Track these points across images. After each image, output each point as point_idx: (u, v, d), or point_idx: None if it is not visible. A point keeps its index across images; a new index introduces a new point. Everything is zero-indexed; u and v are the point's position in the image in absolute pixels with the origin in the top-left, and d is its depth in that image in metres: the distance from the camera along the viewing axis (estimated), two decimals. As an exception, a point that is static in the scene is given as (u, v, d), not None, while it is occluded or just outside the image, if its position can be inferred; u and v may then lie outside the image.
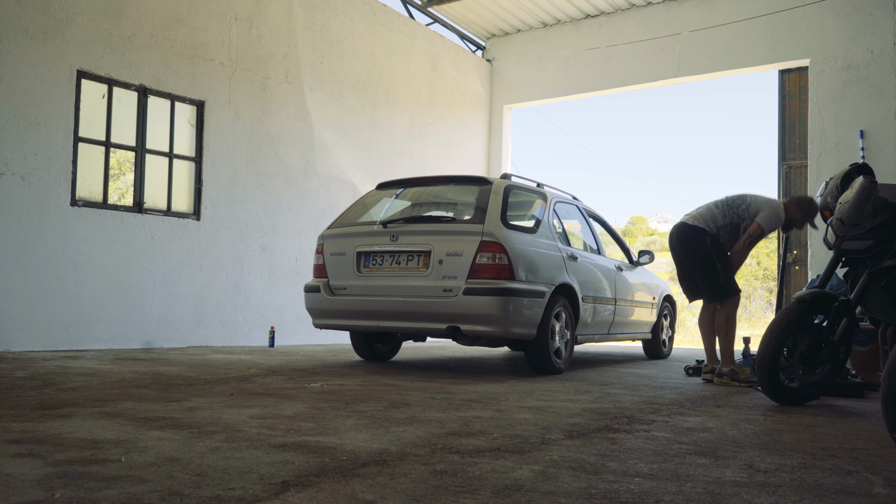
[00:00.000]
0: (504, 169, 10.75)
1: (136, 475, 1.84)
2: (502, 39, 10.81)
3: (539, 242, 5.03)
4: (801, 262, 8.49)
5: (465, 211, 5.16)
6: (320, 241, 5.38)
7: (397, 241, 4.95)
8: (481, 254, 4.65)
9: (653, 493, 1.82)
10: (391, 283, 4.91)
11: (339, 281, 5.14)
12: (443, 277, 4.73)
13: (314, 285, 5.30)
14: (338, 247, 5.20)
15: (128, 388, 3.54)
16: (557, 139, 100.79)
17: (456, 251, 4.73)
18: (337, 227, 5.40)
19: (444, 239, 4.82)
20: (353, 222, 5.37)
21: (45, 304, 5.76)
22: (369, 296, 4.98)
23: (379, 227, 5.08)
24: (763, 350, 3.60)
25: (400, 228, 4.99)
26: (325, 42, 8.21)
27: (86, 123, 6.15)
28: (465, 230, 4.80)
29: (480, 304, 4.58)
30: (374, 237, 5.06)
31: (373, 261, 5.05)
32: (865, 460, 2.33)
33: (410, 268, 4.89)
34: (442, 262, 4.75)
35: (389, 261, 4.98)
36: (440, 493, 1.76)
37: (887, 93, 7.78)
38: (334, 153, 8.29)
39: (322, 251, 5.30)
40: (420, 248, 4.87)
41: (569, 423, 2.89)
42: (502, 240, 4.68)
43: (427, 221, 5.11)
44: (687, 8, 9.19)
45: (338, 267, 5.16)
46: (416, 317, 4.82)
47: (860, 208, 3.45)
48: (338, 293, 5.13)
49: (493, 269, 4.63)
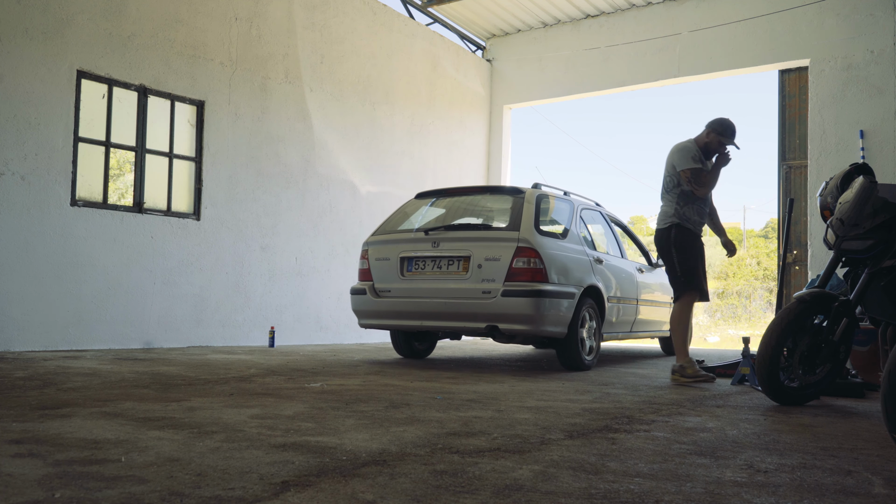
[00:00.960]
0: (504, 168, 10.76)
1: (136, 475, 1.84)
2: (502, 39, 10.81)
3: (568, 247, 5.44)
4: (801, 262, 8.49)
5: (500, 219, 5.61)
6: (365, 247, 5.80)
7: (438, 247, 5.36)
8: (517, 258, 5.06)
9: (653, 493, 1.82)
10: (433, 285, 5.31)
11: (384, 284, 5.54)
12: (482, 280, 5.15)
13: (360, 288, 5.69)
14: (382, 252, 5.62)
15: (128, 388, 3.55)
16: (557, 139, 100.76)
17: (493, 256, 5.14)
18: (380, 234, 5.83)
19: (483, 245, 5.23)
20: (395, 229, 5.81)
21: (45, 304, 5.76)
22: (413, 297, 5.38)
23: (421, 234, 5.50)
24: (763, 350, 3.60)
25: (441, 235, 5.40)
26: (325, 42, 8.21)
27: (86, 123, 6.15)
28: (501, 237, 5.21)
29: (517, 304, 4.99)
30: (417, 243, 5.47)
31: (415, 265, 5.46)
32: (865, 460, 2.33)
33: (451, 271, 5.30)
34: (481, 267, 5.16)
35: (431, 265, 5.39)
36: (440, 493, 1.76)
37: (887, 93, 7.78)
38: (334, 153, 8.29)
39: (367, 256, 5.72)
40: (460, 254, 5.28)
41: (569, 423, 2.89)
42: (536, 245, 5.09)
43: (466, 229, 5.55)
44: (687, 8, 9.19)
45: (382, 271, 5.57)
46: (457, 317, 5.23)
47: (860, 208, 3.45)
48: (383, 295, 5.54)
49: (528, 273, 5.04)
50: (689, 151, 4.79)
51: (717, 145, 4.82)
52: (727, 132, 4.81)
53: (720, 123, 4.82)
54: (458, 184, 10.09)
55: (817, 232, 7.84)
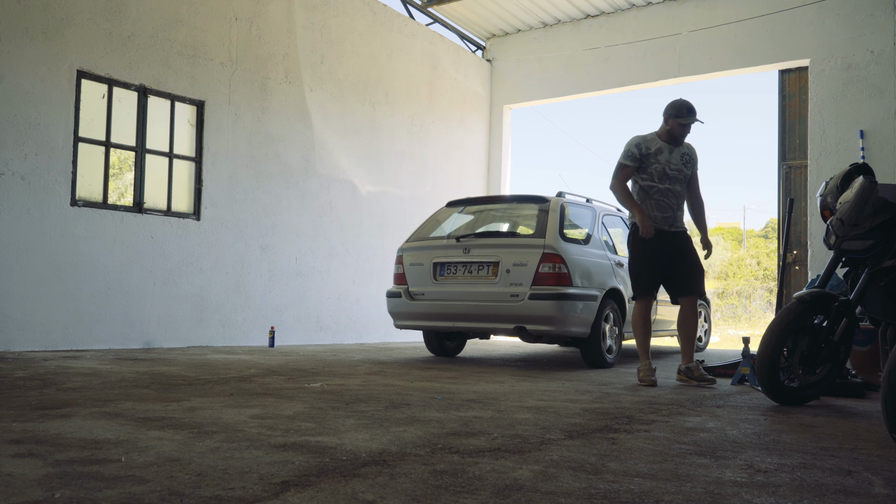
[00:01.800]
0: (504, 168, 10.76)
1: (136, 475, 1.84)
2: (502, 39, 10.81)
3: (591, 252, 5.79)
4: (801, 262, 8.49)
5: (526, 226, 5.96)
6: (399, 252, 6.13)
7: (469, 253, 5.71)
8: (543, 264, 5.40)
9: (653, 493, 1.82)
10: (464, 289, 5.66)
11: (418, 287, 5.89)
12: (510, 284, 5.47)
13: (395, 291, 6.04)
14: (416, 258, 5.97)
15: (128, 388, 3.55)
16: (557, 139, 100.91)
17: (521, 262, 5.47)
18: (414, 240, 6.20)
19: (510, 251, 5.56)
20: (427, 236, 6.19)
21: (45, 304, 5.75)
22: (445, 300, 5.74)
23: (453, 241, 5.85)
24: (763, 350, 3.60)
25: (471, 242, 5.76)
26: (325, 42, 8.21)
27: (86, 123, 6.15)
28: (528, 244, 5.54)
29: (543, 307, 5.32)
30: (449, 250, 5.82)
31: (447, 270, 5.81)
32: (865, 460, 2.33)
33: (481, 276, 5.64)
34: (509, 272, 5.49)
35: (462, 270, 5.74)
36: (440, 493, 1.76)
37: (887, 93, 7.77)
38: (334, 153, 8.29)
39: (402, 262, 6.05)
40: (489, 260, 5.62)
41: (569, 423, 2.89)
42: (561, 252, 5.42)
43: (495, 236, 5.99)
44: (687, 8, 9.19)
45: (416, 275, 5.92)
46: (487, 318, 5.58)
47: (860, 208, 3.45)
48: (417, 298, 5.89)
49: (554, 277, 5.37)
50: (627, 145, 4.72)
51: (679, 128, 4.65)
52: (681, 112, 4.64)
53: (672, 106, 4.69)
54: (459, 184, 10.10)
55: (817, 232, 7.84)
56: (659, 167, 4.64)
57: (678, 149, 4.73)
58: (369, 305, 8.59)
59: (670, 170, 4.66)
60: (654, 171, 4.64)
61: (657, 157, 4.66)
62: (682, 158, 4.73)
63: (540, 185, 73.46)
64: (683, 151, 4.75)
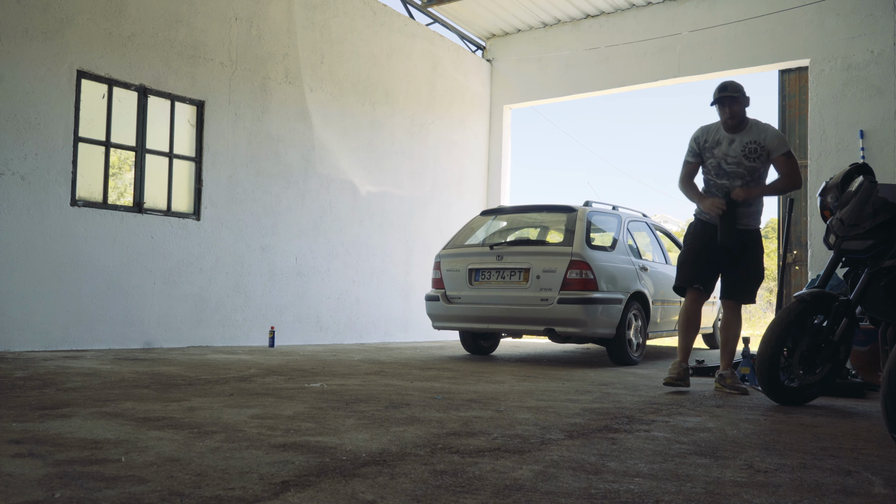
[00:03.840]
0: (504, 168, 10.75)
1: (136, 475, 1.84)
2: (502, 39, 10.80)
3: (616, 258, 6.18)
4: (801, 262, 8.49)
5: (555, 234, 6.42)
6: (437, 259, 6.59)
7: (502, 260, 6.10)
8: (571, 270, 5.77)
9: (653, 493, 1.82)
10: (498, 293, 6.05)
11: (455, 291, 6.31)
12: (540, 289, 5.85)
13: (434, 295, 6.48)
14: (453, 264, 6.40)
15: (128, 388, 3.54)
16: (557, 139, 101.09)
17: (550, 268, 5.85)
18: (451, 248, 6.63)
19: (540, 258, 5.95)
20: (463, 244, 6.63)
21: (45, 304, 5.75)
22: (480, 303, 6.14)
23: (487, 248, 6.29)
24: (763, 350, 3.60)
25: (504, 250, 6.17)
26: (325, 42, 8.21)
27: (86, 123, 6.15)
28: (557, 251, 5.94)
29: (571, 310, 5.71)
30: (484, 257, 6.23)
31: (482, 275, 6.21)
32: (865, 460, 2.33)
33: (513, 281, 6.02)
34: (539, 277, 5.87)
35: (496, 276, 6.12)
36: (440, 493, 1.76)
37: (887, 93, 7.77)
38: (334, 153, 8.29)
39: (440, 267, 6.50)
40: (521, 266, 6.00)
41: (569, 423, 2.89)
42: (587, 259, 5.82)
43: (526, 244, 6.42)
44: (687, 8, 9.18)
45: (453, 280, 6.35)
46: (519, 321, 5.98)
47: (860, 208, 3.45)
48: (454, 301, 6.31)
49: (581, 283, 5.75)
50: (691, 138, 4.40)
51: (720, 112, 4.25)
52: (714, 95, 4.26)
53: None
54: (459, 184, 10.11)
55: (817, 232, 7.84)
56: (714, 161, 4.25)
57: (741, 137, 4.19)
58: (369, 305, 8.59)
59: (727, 164, 4.20)
60: (711, 166, 4.27)
61: (713, 150, 4.26)
62: (746, 149, 4.16)
63: (540, 186, 73.42)
64: (749, 140, 4.17)
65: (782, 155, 4.17)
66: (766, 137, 4.16)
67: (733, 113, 4.16)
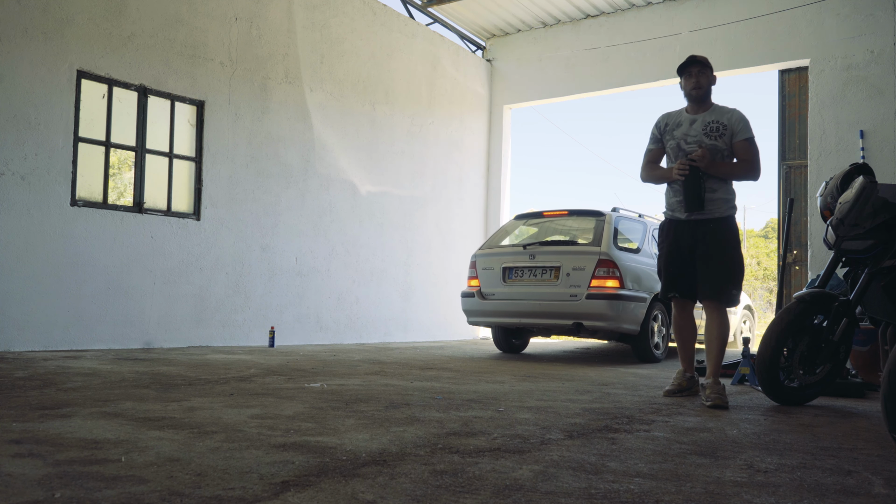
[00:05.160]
0: (504, 168, 10.75)
1: (136, 475, 1.84)
2: (502, 39, 10.80)
3: (641, 260, 6.55)
4: (801, 262, 8.49)
5: (584, 236, 6.69)
6: (473, 258, 7.04)
7: (534, 259, 6.52)
8: (599, 268, 6.17)
9: (653, 493, 1.82)
10: (530, 290, 6.47)
11: (489, 289, 6.74)
12: (570, 286, 6.26)
13: (469, 292, 6.91)
14: (488, 263, 6.84)
15: (128, 388, 3.54)
16: (557, 139, 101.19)
17: (579, 266, 6.25)
18: (486, 248, 7.09)
19: (570, 257, 6.37)
20: (497, 244, 7.08)
21: (45, 304, 5.75)
22: (513, 299, 6.55)
23: (520, 248, 6.73)
24: (763, 350, 3.60)
25: (536, 249, 6.59)
26: (325, 42, 8.21)
27: (86, 123, 6.15)
28: (586, 251, 6.34)
29: (599, 305, 6.10)
30: (517, 256, 6.65)
31: (515, 273, 6.63)
32: (865, 460, 2.33)
33: (544, 279, 6.43)
34: (569, 275, 6.28)
35: (528, 273, 6.54)
36: (440, 493, 1.76)
37: (887, 93, 7.77)
38: (334, 153, 8.29)
39: (475, 266, 6.94)
40: (552, 264, 6.41)
41: (569, 423, 2.89)
42: (615, 258, 6.21)
43: (557, 244, 6.73)
44: (687, 8, 9.18)
45: (488, 278, 6.77)
46: (549, 315, 6.37)
47: (860, 208, 3.45)
48: (488, 297, 6.74)
49: (608, 280, 6.14)
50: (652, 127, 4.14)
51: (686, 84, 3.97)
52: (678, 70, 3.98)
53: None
54: (459, 184, 10.11)
55: (817, 232, 7.84)
56: (674, 143, 3.94)
57: (703, 116, 3.91)
58: (369, 305, 8.59)
59: (686, 144, 3.90)
60: (670, 149, 3.97)
61: (672, 132, 3.97)
62: (708, 127, 3.87)
63: (541, 185, 73.38)
64: (711, 119, 3.88)
65: (745, 140, 3.85)
66: (731, 118, 3.88)
67: (699, 84, 3.89)
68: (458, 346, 8.32)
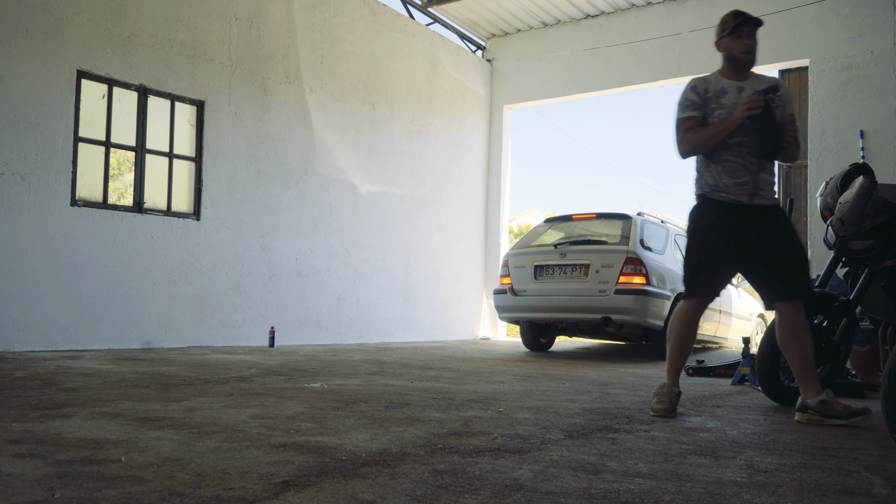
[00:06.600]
0: (504, 169, 10.75)
1: (136, 475, 1.84)
2: (502, 39, 10.80)
3: (665, 261, 6.96)
4: (801, 262, 8.49)
5: (612, 237, 7.05)
6: (506, 257, 7.44)
7: (565, 258, 6.89)
8: (626, 265, 6.54)
9: (653, 493, 1.82)
10: (560, 286, 6.85)
11: (521, 286, 7.10)
12: (598, 282, 6.62)
13: (502, 289, 7.27)
14: (520, 262, 7.20)
15: (128, 388, 3.54)
16: (558, 139, 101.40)
17: (608, 264, 6.62)
18: (518, 248, 7.49)
19: (599, 255, 6.75)
20: (529, 244, 7.48)
21: (45, 304, 5.75)
22: (544, 296, 6.92)
23: (551, 247, 7.11)
24: (763, 350, 3.60)
25: (567, 248, 6.98)
26: (325, 42, 8.21)
27: (86, 123, 6.15)
28: (614, 249, 6.73)
29: (626, 300, 6.46)
30: (548, 255, 7.04)
31: (546, 271, 7.01)
32: (865, 460, 2.33)
33: (574, 276, 6.80)
34: (598, 272, 6.64)
35: (558, 271, 6.92)
36: (440, 493, 1.76)
37: (887, 93, 7.77)
38: (334, 153, 8.29)
39: (507, 265, 7.31)
40: (582, 262, 6.79)
41: (569, 423, 2.89)
42: (641, 256, 6.61)
43: (586, 243, 7.07)
44: (687, 8, 9.18)
45: (520, 276, 7.13)
46: (579, 310, 6.72)
47: (860, 208, 3.45)
48: (520, 294, 7.11)
49: (635, 277, 6.50)
50: (683, 93, 3.38)
51: (737, 44, 3.28)
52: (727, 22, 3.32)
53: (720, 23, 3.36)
54: (459, 184, 10.12)
55: (817, 232, 7.83)
56: (723, 113, 3.24)
57: (751, 84, 3.30)
58: (369, 305, 8.59)
59: None
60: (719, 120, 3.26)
61: (719, 100, 3.28)
62: None
63: (541, 186, 73.35)
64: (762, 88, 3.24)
65: (792, 114, 3.33)
66: (782, 89, 3.31)
67: (750, 47, 3.28)
68: (458, 346, 8.32)
